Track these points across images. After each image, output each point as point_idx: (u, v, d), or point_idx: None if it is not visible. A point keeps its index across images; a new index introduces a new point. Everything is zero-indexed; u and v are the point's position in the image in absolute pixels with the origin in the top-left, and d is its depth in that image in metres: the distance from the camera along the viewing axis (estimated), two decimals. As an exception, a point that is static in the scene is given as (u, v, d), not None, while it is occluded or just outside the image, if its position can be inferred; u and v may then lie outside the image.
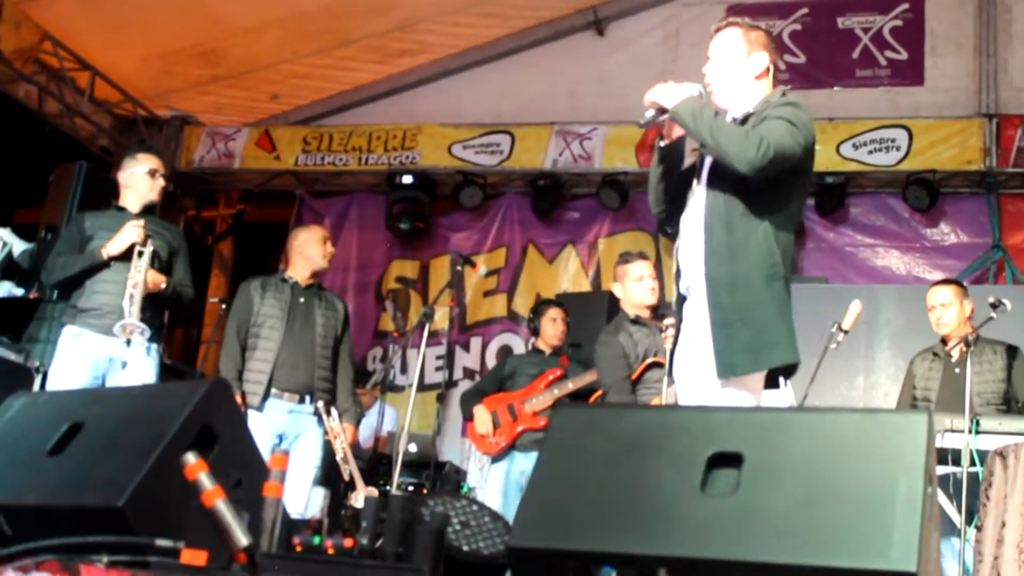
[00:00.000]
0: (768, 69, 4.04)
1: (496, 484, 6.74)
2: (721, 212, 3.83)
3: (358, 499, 5.79)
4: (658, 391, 5.64)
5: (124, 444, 2.75)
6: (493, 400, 6.84)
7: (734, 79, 4.01)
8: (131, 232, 5.51)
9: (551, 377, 6.80)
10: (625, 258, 6.22)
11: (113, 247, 5.51)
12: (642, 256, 6.22)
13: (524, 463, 6.62)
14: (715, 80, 4.02)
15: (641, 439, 2.45)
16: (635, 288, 6.02)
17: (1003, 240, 9.50)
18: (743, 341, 3.70)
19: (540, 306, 7.40)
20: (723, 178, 3.85)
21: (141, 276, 5.45)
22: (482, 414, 6.78)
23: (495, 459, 6.83)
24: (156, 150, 6.38)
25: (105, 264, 5.53)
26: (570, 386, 6.68)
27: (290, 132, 11.34)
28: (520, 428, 6.68)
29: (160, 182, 5.90)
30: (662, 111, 3.90)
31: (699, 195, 3.96)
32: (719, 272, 3.78)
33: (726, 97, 4.02)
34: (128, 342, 5.43)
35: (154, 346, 5.68)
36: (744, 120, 3.92)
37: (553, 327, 7.06)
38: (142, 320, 5.52)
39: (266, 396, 5.87)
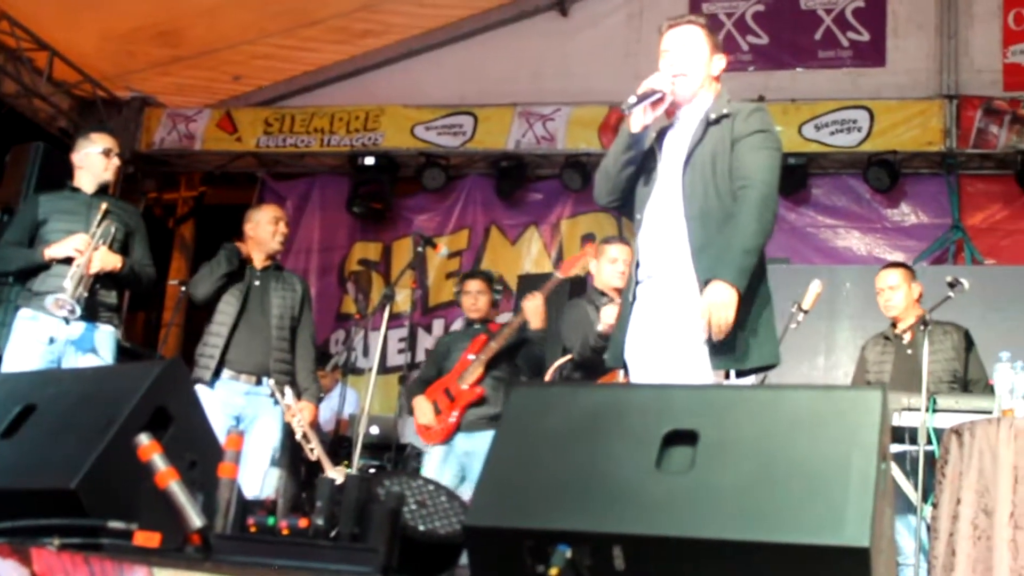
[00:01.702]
0: (721, 71, 4.16)
1: (435, 465, 6.49)
2: (705, 206, 3.89)
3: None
4: None
5: (77, 426, 2.73)
6: (433, 388, 6.65)
7: (698, 77, 4.09)
8: (76, 242, 5.46)
9: (477, 346, 6.63)
10: (607, 239, 6.31)
11: (55, 251, 5.47)
12: (623, 240, 6.24)
13: (466, 443, 6.44)
14: (684, 72, 4.06)
15: (597, 418, 2.45)
16: (606, 268, 6.06)
17: (962, 221, 9.57)
18: (733, 338, 3.74)
19: (461, 280, 7.20)
20: (700, 170, 3.92)
21: (86, 257, 5.41)
22: (422, 405, 6.60)
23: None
24: (110, 129, 6.30)
25: (45, 266, 5.49)
26: (493, 346, 6.51)
27: (252, 114, 11.27)
28: (459, 409, 6.48)
29: (115, 162, 5.85)
30: (645, 95, 3.91)
31: (668, 185, 4.00)
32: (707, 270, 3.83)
33: (688, 92, 4.08)
34: (66, 320, 5.38)
35: (111, 328, 5.64)
36: (718, 120, 3.98)
37: (468, 301, 6.87)
38: (98, 301, 5.49)
39: (217, 374, 5.84)
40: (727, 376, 3.85)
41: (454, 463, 6.45)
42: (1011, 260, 9.14)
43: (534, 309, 6.41)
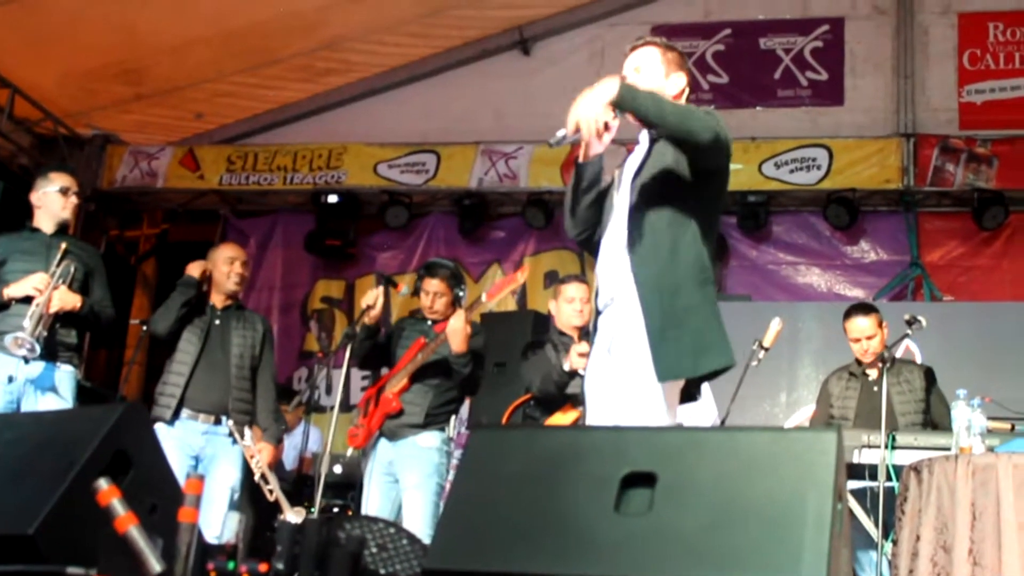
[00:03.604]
0: (683, 90, 4.06)
1: (369, 479, 6.18)
2: (647, 218, 3.80)
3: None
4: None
5: (35, 470, 2.71)
6: (376, 385, 6.36)
7: None
8: (35, 281, 5.43)
9: (412, 353, 6.24)
10: (564, 279, 6.27)
11: (14, 290, 5.45)
12: (579, 279, 6.21)
13: (389, 452, 6.13)
14: None
15: (556, 460, 2.46)
16: (565, 308, 6.06)
17: (921, 257, 9.69)
18: (682, 345, 3.66)
19: (420, 276, 6.63)
20: (648, 184, 3.84)
21: (46, 297, 5.38)
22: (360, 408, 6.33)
23: (365, 451, 6.33)
24: (69, 168, 6.27)
25: (4, 305, 5.46)
26: (419, 359, 6.13)
27: (214, 151, 11.24)
28: (378, 419, 6.17)
29: (73, 200, 5.83)
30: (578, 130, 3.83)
31: (621, 206, 3.95)
32: (651, 278, 3.74)
33: None
34: (26, 359, 5.34)
35: (71, 368, 5.60)
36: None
37: (425, 301, 6.44)
38: (58, 340, 5.46)
39: (177, 413, 5.80)
40: (687, 389, 3.80)
41: (383, 475, 6.16)
42: (969, 296, 9.26)
43: (453, 329, 5.97)
